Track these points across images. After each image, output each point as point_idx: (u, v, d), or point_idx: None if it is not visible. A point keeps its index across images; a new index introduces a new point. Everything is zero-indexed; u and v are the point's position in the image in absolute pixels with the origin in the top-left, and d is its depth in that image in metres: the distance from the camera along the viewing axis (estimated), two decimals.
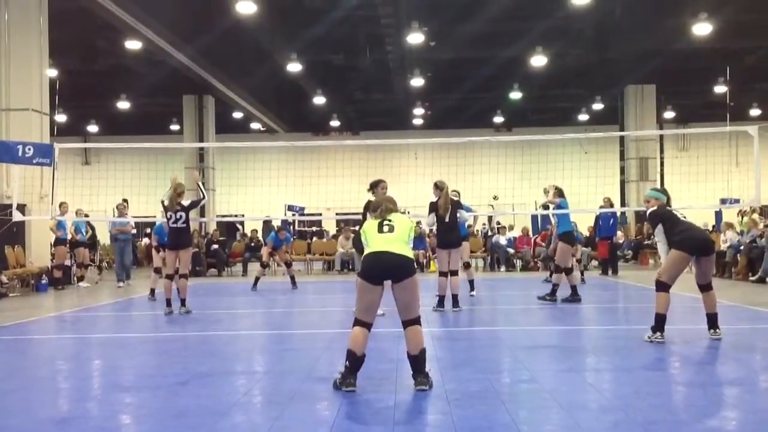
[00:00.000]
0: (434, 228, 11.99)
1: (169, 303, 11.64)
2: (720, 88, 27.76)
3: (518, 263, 23.84)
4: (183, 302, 11.68)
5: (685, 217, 8.30)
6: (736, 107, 27.74)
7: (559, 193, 13.08)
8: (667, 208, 8.38)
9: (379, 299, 6.13)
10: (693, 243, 8.00)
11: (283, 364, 7.46)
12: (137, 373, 7.07)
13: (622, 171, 30.67)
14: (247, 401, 5.81)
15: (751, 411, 5.37)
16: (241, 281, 20.14)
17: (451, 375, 6.48)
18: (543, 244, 21.81)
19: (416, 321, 6.04)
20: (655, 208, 8.38)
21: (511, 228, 26.05)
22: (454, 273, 11.69)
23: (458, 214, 11.70)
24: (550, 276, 14.19)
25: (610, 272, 19.61)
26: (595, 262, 22.25)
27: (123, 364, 7.65)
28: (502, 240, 23.91)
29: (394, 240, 6.09)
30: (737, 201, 22.03)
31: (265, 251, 17.67)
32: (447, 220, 11.51)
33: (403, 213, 10.86)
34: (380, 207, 6.37)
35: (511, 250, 23.85)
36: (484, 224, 27.76)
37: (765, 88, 29.61)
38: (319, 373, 6.77)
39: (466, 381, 6.25)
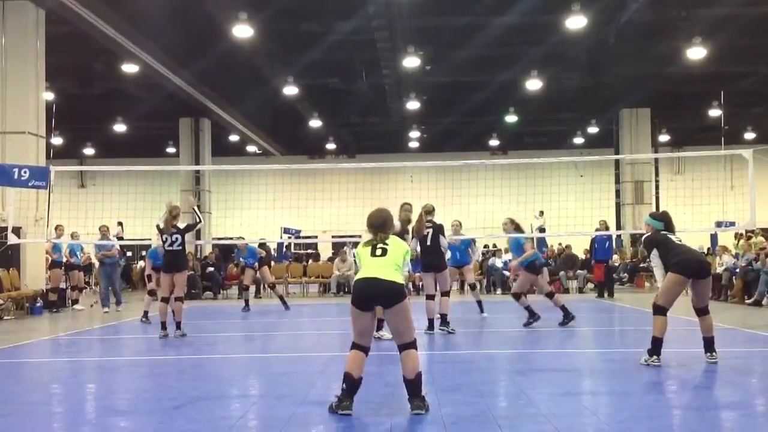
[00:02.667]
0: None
1: (164, 326, 11.57)
2: (714, 112, 27.90)
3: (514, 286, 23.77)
4: (178, 325, 11.61)
5: (681, 241, 8.29)
6: (730, 131, 27.88)
7: (516, 226, 13.22)
8: (663, 232, 8.35)
9: (371, 324, 6.13)
10: (689, 266, 8.00)
11: (279, 388, 7.42)
12: (132, 396, 7.03)
13: (618, 194, 30.74)
14: (242, 425, 5.77)
15: None
16: (237, 304, 20.06)
17: (446, 398, 6.45)
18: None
19: (411, 345, 6.02)
20: (648, 233, 8.42)
21: (507, 251, 26.01)
22: (445, 294, 11.69)
23: (441, 240, 11.65)
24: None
25: (605, 295, 19.59)
26: (591, 285, 22.23)
27: (117, 387, 7.61)
28: (498, 263, 23.89)
29: (386, 265, 6.04)
30: (732, 224, 22.06)
31: (249, 275, 17.53)
32: (428, 243, 11.50)
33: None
34: (374, 225, 6.30)
35: (506, 273, 23.80)
36: (486, 246, 27.74)
37: (759, 112, 29.82)
38: (315, 397, 6.73)
39: (462, 404, 6.23)
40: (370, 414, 5.91)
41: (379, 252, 6.12)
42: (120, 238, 18.93)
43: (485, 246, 27.66)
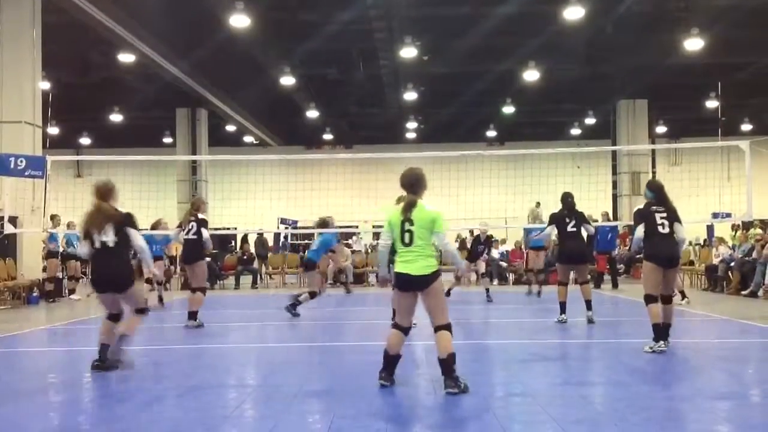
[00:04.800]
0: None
1: (192, 316, 11.40)
2: (712, 103, 27.89)
3: (511, 276, 23.83)
4: (193, 315, 11.39)
5: (665, 220, 8.43)
6: (727, 122, 27.88)
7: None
8: (653, 207, 8.55)
9: (413, 305, 6.41)
10: (658, 257, 8.36)
11: (276, 377, 7.43)
12: (129, 385, 7.03)
13: (615, 185, 30.76)
14: (239, 414, 5.78)
15: (745, 426, 5.37)
16: (234, 294, 20.09)
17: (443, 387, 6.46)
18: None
19: (444, 327, 6.26)
20: (641, 206, 8.74)
21: (504, 241, 26.06)
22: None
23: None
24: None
25: (605, 286, 19.60)
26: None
27: (113, 376, 7.60)
28: (495, 253, 23.90)
29: (415, 257, 6.24)
30: (729, 215, 22.08)
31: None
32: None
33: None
34: (405, 185, 6.43)
35: (504, 264, 23.86)
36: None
37: (756, 103, 29.79)
38: (312, 387, 6.75)
39: (460, 395, 6.23)
40: (367, 404, 5.92)
41: (407, 238, 6.27)
42: None
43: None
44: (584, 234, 11.74)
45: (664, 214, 8.46)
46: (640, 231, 8.48)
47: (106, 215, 7.56)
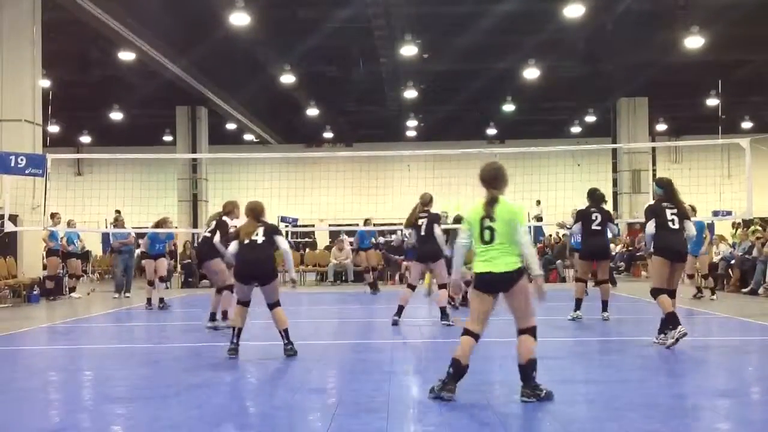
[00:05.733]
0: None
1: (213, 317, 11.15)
2: (712, 101, 27.87)
3: None
4: (221, 315, 11.03)
5: (674, 217, 8.48)
6: (728, 120, 27.85)
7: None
8: (663, 204, 8.57)
9: (491, 310, 6.02)
10: (669, 251, 8.41)
11: (276, 376, 7.44)
12: (129, 384, 7.03)
13: (615, 183, 30.74)
14: (239, 412, 5.79)
15: (745, 422, 5.37)
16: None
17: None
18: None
19: (528, 331, 5.89)
20: (652, 202, 8.75)
21: None
22: (442, 286, 11.20)
23: (435, 229, 11.37)
24: None
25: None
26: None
27: (115, 375, 7.61)
28: None
29: (497, 255, 5.86)
30: (729, 213, 22.07)
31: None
32: (423, 233, 11.18)
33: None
34: (485, 180, 6.08)
35: None
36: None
37: (757, 101, 29.78)
38: (312, 385, 6.75)
39: (459, 393, 6.23)
40: (366, 402, 5.92)
41: (487, 235, 5.91)
42: (115, 226, 18.92)
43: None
44: (609, 234, 11.68)
45: (675, 210, 8.53)
46: (650, 227, 8.49)
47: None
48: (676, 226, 8.46)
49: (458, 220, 11.92)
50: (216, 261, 10.85)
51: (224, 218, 10.67)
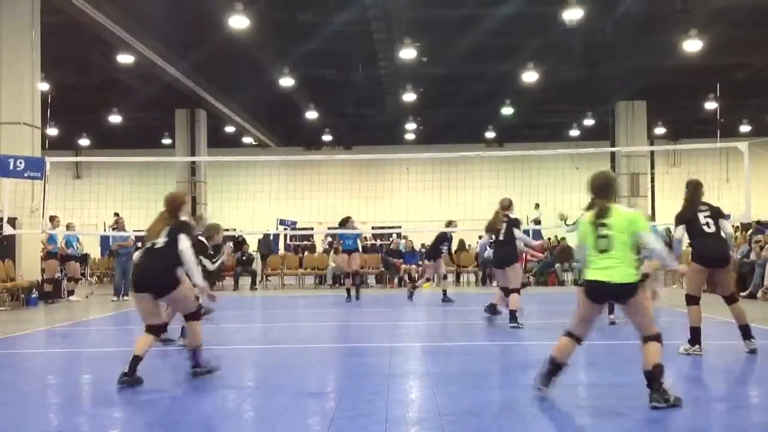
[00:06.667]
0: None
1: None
2: (710, 105, 27.91)
3: None
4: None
5: (708, 220, 8.18)
6: (726, 123, 27.89)
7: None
8: (695, 209, 8.29)
9: (597, 317, 6.01)
10: (706, 256, 8.10)
11: (275, 379, 7.43)
12: (127, 387, 7.02)
13: None
14: (238, 415, 5.79)
15: (745, 427, 5.37)
16: (233, 295, 20.09)
17: (443, 390, 6.46)
18: (534, 259, 21.77)
19: (652, 338, 5.74)
20: (681, 209, 8.38)
21: None
22: (516, 291, 11.37)
23: (515, 233, 11.54)
24: None
25: None
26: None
27: (113, 378, 7.60)
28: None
29: (612, 264, 5.69)
30: (728, 217, 22.09)
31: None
32: (501, 238, 11.47)
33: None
34: (593, 190, 5.92)
35: None
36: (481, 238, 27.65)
37: (755, 104, 29.81)
38: (311, 388, 6.75)
39: (459, 396, 6.24)
40: (365, 405, 5.92)
41: (603, 244, 5.73)
42: (115, 229, 18.92)
43: (480, 238, 27.68)
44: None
45: (708, 213, 8.24)
46: (679, 233, 8.20)
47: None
48: (712, 229, 8.12)
49: (538, 221, 12.18)
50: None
51: (200, 238, 9.93)
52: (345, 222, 17.09)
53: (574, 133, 34.27)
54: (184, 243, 6.92)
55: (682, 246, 8.48)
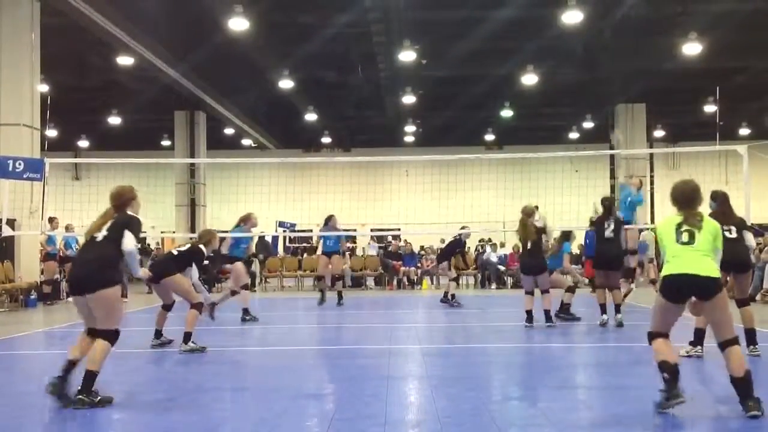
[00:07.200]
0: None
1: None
2: (710, 108, 27.91)
3: (509, 280, 23.85)
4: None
5: (729, 231, 8.09)
6: (725, 126, 27.91)
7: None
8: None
9: (677, 317, 5.62)
10: (727, 262, 7.97)
11: (273, 381, 7.42)
12: (125, 389, 7.01)
13: (613, 189, 30.74)
14: (236, 418, 5.78)
15: (744, 427, 5.37)
16: (231, 298, 20.03)
17: (442, 392, 6.46)
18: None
19: (733, 341, 5.45)
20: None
21: (502, 245, 26.08)
22: (545, 291, 11.59)
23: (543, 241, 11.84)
24: None
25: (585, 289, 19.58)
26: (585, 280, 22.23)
27: (111, 379, 7.59)
28: (493, 257, 23.95)
29: (696, 257, 5.42)
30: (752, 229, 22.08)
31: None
32: (529, 246, 11.66)
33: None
34: (678, 201, 5.64)
35: (501, 268, 23.88)
36: (481, 240, 27.68)
37: (754, 107, 29.83)
38: (309, 390, 6.74)
39: (458, 398, 6.24)
40: (364, 407, 5.92)
41: (685, 237, 5.47)
42: None
43: (480, 240, 27.70)
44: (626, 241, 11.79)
45: (730, 225, 8.15)
46: None
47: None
48: (734, 235, 8.07)
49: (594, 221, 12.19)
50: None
51: (200, 246, 10.00)
52: (329, 220, 16.42)
53: (574, 135, 34.28)
54: (129, 241, 6.16)
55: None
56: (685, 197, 5.67)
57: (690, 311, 6.22)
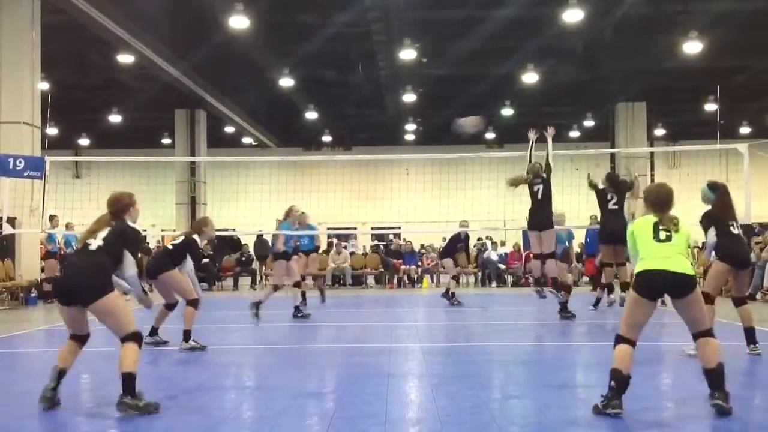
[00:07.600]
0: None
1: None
2: (710, 106, 27.91)
3: (509, 279, 23.85)
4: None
5: (733, 226, 8.13)
6: (726, 125, 27.90)
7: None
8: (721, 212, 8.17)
9: (648, 317, 5.58)
10: (735, 256, 8.00)
11: (273, 379, 7.42)
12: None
13: None
14: (236, 416, 5.78)
15: (744, 427, 5.37)
16: (232, 296, 20.08)
17: (442, 391, 6.46)
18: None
19: (707, 333, 5.52)
20: (709, 208, 8.29)
21: (503, 244, 26.08)
22: (550, 256, 11.87)
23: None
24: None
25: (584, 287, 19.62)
26: (585, 278, 22.26)
27: (111, 378, 7.59)
28: (494, 256, 23.95)
29: (672, 253, 5.49)
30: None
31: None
32: (539, 197, 12.44)
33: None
34: (653, 205, 5.71)
35: (502, 266, 23.88)
36: (480, 239, 27.68)
37: (754, 106, 29.83)
38: (310, 389, 6.74)
39: (458, 397, 6.24)
40: (364, 406, 5.92)
41: (663, 236, 5.55)
42: None
43: (479, 239, 27.68)
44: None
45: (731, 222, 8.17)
46: (711, 235, 8.08)
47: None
48: (738, 231, 8.12)
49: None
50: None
51: (194, 237, 9.64)
52: (288, 214, 14.82)
53: (574, 134, 34.28)
54: (130, 267, 6.04)
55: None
56: (660, 200, 5.78)
57: None
